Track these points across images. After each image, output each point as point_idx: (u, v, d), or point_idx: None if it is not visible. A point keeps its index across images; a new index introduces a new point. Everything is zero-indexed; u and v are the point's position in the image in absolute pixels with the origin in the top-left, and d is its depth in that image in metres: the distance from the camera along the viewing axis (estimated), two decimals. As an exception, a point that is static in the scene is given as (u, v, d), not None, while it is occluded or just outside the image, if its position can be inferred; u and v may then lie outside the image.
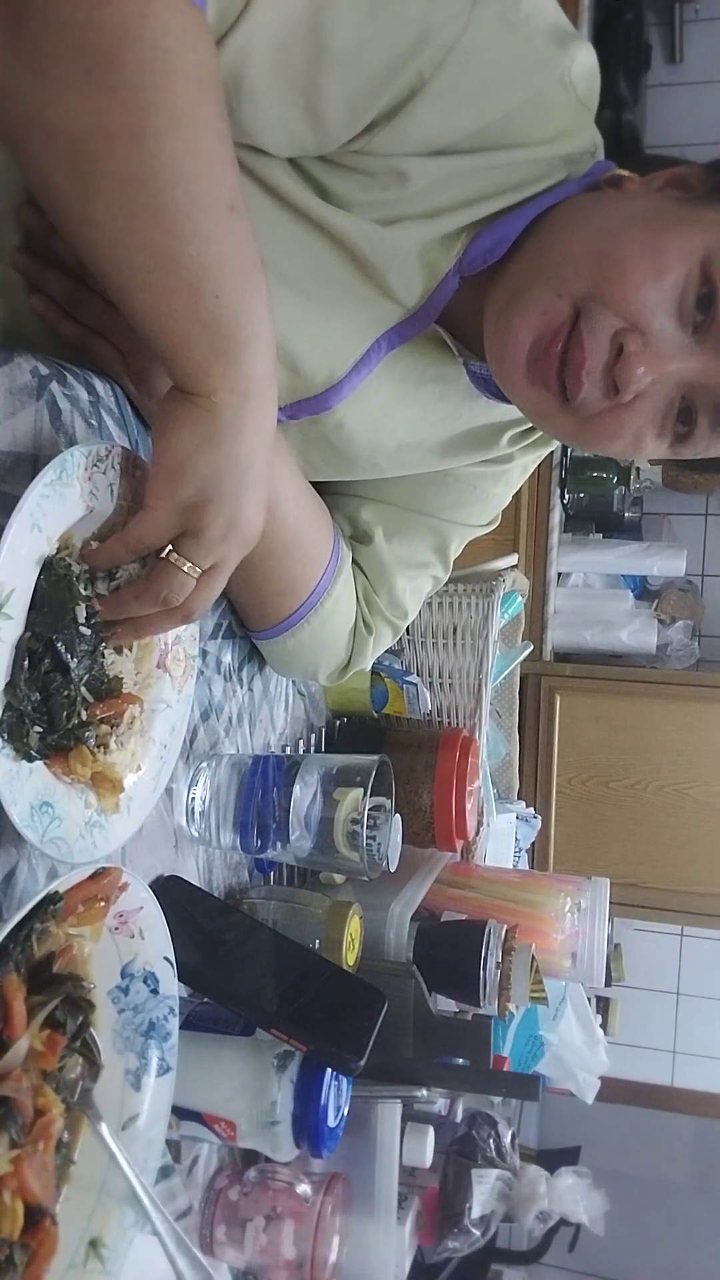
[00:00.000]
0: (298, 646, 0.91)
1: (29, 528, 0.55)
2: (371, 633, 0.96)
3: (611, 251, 0.68)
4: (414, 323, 0.75)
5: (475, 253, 0.72)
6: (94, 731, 0.62)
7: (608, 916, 1.22)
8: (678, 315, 0.68)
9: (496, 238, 0.72)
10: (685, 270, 0.67)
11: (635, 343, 0.67)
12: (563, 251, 0.70)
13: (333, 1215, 0.85)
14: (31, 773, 0.57)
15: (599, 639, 2.64)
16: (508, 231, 0.72)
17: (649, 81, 2.84)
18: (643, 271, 0.67)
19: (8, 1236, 0.53)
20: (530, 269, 0.71)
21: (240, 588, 0.86)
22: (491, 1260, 1.97)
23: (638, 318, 0.67)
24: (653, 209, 0.70)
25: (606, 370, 0.69)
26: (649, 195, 0.72)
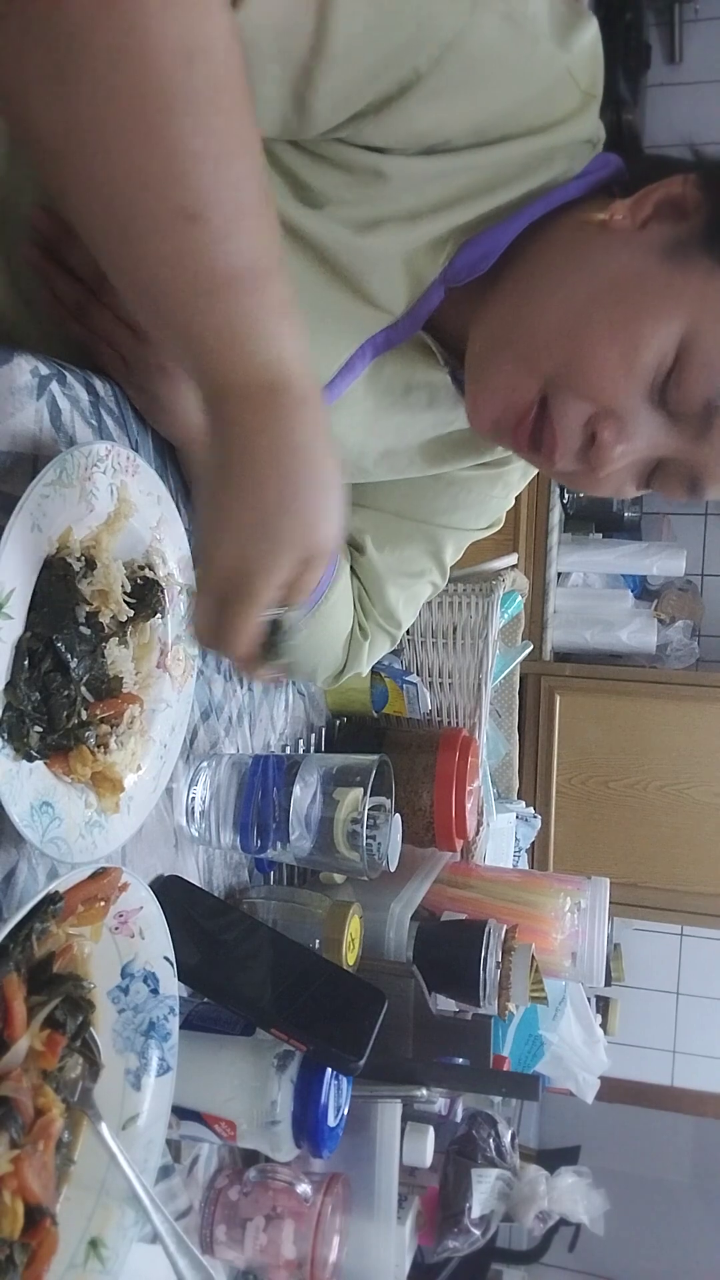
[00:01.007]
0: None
1: (29, 528, 0.55)
2: (367, 638, 0.95)
3: (583, 334, 0.65)
4: (399, 330, 0.74)
5: (462, 263, 0.70)
6: (94, 731, 0.62)
7: (608, 916, 1.22)
8: (652, 400, 0.66)
9: (484, 249, 0.69)
10: (661, 356, 0.65)
11: (609, 430, 0.66)
12: (536, 319, 0.67)
13: (333, 1215, 0.85)
14: (31, 773, 0.57)
15: (599, 639, 2.64)
16: (495, 244, 0.69)
17: (649, 81, 2.84)
18: (616, 362, 0.65)
19: (8, 1236, 0.53)
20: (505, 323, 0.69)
21: None
22: (491, 1260, 1.97)
23: (610, 405, 0.66)
24: (633, 271, 0.66)
25: (580, 452, 0.68)
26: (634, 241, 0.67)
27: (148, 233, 0.48)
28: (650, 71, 2.83)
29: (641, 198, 0.68)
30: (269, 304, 0.51)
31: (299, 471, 0.52)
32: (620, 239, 0.68)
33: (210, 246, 0.48)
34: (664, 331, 0.64)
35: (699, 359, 0.65)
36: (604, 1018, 2.71)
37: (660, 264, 0.66)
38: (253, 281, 0.50)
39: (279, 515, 0.52)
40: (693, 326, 0.64)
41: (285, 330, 0.52)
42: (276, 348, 0.51)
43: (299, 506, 0.52)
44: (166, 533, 0.69)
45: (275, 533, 0.52)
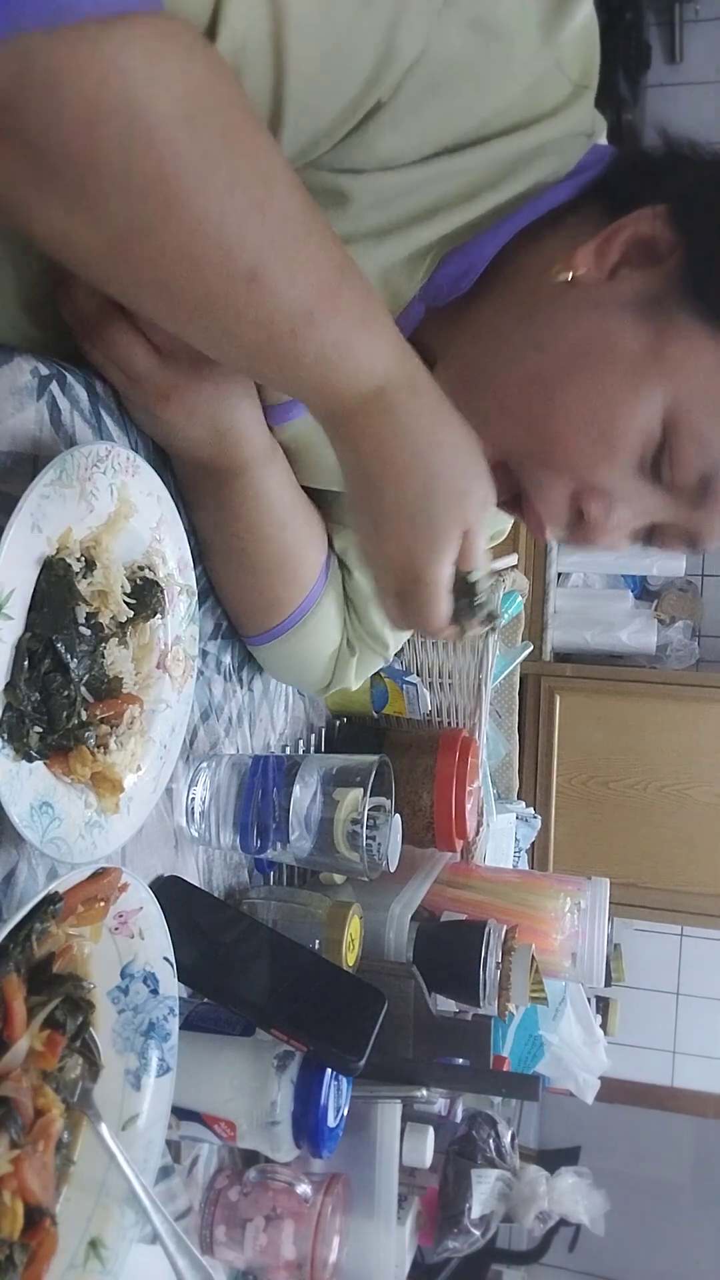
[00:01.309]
0: (277, 658, 0.91)
1: (29, 528, 0.55)
2: (354, 655, 0.94)
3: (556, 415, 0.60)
4: None
5: (442, 279, 0.65)
6: (94, 731, 0.62)
7: (608, 916, 1.22)
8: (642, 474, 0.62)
9: (467, 263, 0.64)
10: (647, 434, 0.60)
11: (598, 505, 0.63)
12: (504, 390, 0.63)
13: (333, 1215, 0.85)
14: (31, 773, 0.57)
15: (599, 639, 2.64)
16: (478, 257, 0.64)
17: (649, 81, 2.84)
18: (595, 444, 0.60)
19: (8, 1237, 0.53)
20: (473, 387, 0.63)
21: (225, 594, 0.85)
22: (491, 1260, 1.97)
23: (589, 479, 0.62)
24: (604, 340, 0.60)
25: (570, 527, 0.65)
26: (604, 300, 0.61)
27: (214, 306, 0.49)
28: (650, 71, 2.84)
29: (608, 239, 0.61)
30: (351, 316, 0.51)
31: (431, 456, 0.53)
32: (589, 297, 0.61)
33: (278, 294, 0.49)
34: (646, 407, 0.59)
35: (688, 433, 0.60)
36: (604, 1018, 2.71)
37: (634, 327, 0.60)
38: (329, 304, 0.50)
39: (426, 502, 0.54)
40: (677, 397, 0.59)
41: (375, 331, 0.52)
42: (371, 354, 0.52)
43: (441, 487, 0.54)
44: (166, 533, 0.69)
45: (428, 519, 0.54)
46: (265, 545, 0.80)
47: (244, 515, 0.77)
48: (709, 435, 0.59)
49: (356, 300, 0.51)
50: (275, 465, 0.76)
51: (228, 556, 0.81)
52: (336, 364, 0.51)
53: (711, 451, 0.60)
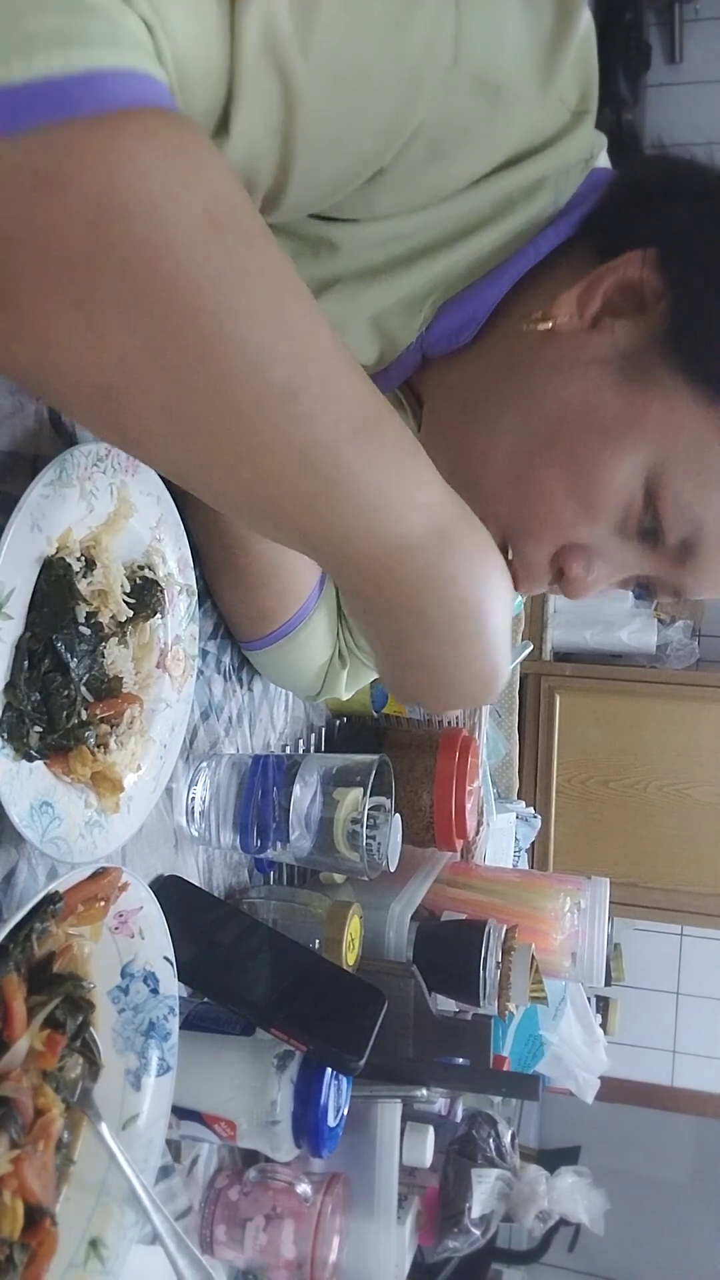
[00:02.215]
0: (268, 664, 0.91)
1: (29, 528, 0.55)
2: (345, 668, 0.94)
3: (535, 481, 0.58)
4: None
5: (441, 331, 0.62)
6: (94, 731, 0.62)
7: (608, 916, 1.22)
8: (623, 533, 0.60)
9: (464, 317, 0.62)
10: (628, 497, 0.58)
11: (578, 563, 0.61)
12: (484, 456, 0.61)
13: (333, 1215, 0.85)
14: (31, 773, 0.57)
15: (599, 639, 2.64)
16: (480, 306, 0.61)
17: (649, 81, 2.84)
18: (575, 509, 0.59)
19: (8, 1236, 0.53)
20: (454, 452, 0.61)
21: (218, 600, 0.85)
22: (491, 1260, 1.97)
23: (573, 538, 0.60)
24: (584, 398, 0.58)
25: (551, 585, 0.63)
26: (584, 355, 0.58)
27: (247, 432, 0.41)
28: (650, 71, 2.84)
29: (591, 286, 0.58)
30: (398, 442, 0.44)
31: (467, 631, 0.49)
32: (570, 352, 0.59)
33: (322, 413, 0.41)
34: (627, 470, 0.57)
35: (669, 496, 0.58)
36: (604, 1018, 2.72)
37: (615, 385, 0.57)
38: (375, 426, 0.43)
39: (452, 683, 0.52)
40: (659, 459, 0.57)
41: (423, 462, 0.46)
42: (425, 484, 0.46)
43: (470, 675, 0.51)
44: (166, 533, 0.69)
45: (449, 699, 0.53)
46: (255, 559, 0.80)
47: (235, 529, 0.77)
48: (690, 498, 0.58)
49: (398, 426, 0.45)
50: None
51: (219, 565, 0.81)
52: (386, 494, 0.44)
53: (693, 513, 0.58)
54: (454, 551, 0.46)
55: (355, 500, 0.43)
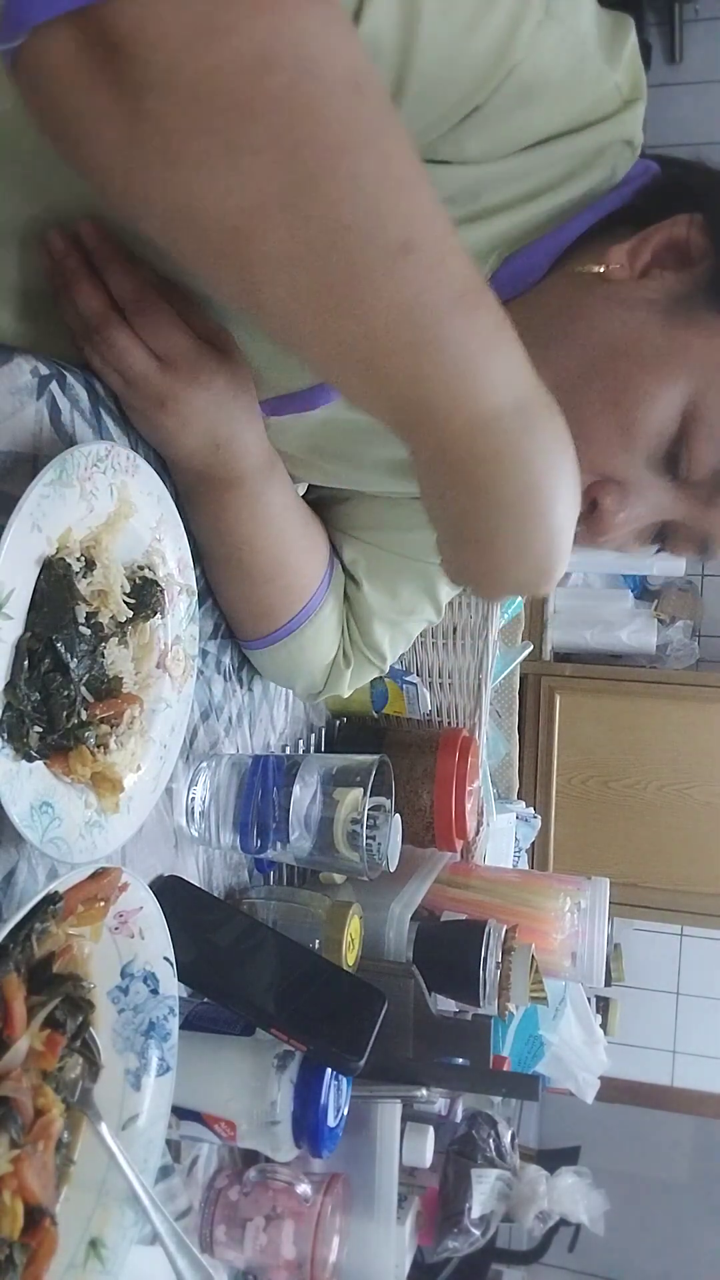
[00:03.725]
0: (270, 664, 0.91)
1: (29, 528, 0.55)
2: (350, 666, 0.94)
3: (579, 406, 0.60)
4: None
5: (505, 277, 0.66)
6: (94, 731, 0.62)
7: (608, 916, 1.22)
8: (656, 467, 0.63)
9: (527, 264, 0.66)
10: (664, 425, 0.62)
11: (611, 497, 0.64)
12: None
13: (333, 1215, 0.85)
14: (31, 773, 0.57)
15: (599, 639, 2.64)
16: (540, 257, 0.66)
17: (649, 81, 2.84)
18: (614, 433, 0.62)
19: (8, 1236, 0.53)
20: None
21: (221, 598, 0.85)
22: (491, 1260, 1.97)
23: (610, 473, 0.63)
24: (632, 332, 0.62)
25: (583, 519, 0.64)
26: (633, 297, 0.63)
27: (362, 279, 0.44)
28: (650, 71, 2.83)
29: (641, 241, 0.64)
30: (496, 319, 0.47)
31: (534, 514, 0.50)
32: (619, 293, 0.63)
33: (431, 272, 0.45)
34: (666, 399, 0.61)
35: (705, 427, 0.61)
36: (604, 1018, 2.71)
37: (661, 323, 0.62)
38: (477, 295, 0.46)
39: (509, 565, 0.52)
40: (698, 392, 0.61)
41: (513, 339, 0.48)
42: (514, 361, 0.48)
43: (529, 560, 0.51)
44: (166, 533, 0.69)
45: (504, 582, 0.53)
46: (260, 556, 0.80)
47: (239, 526, 0.77)
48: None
49: (495, 302, 0.47)
50: (274, 478, 0.76)
51: (223, 563, 0.81)
52: (480, 362, 0.46)
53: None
54: (535, 434, 0.48)
55: (452, 365, 0.45)
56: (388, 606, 0.93)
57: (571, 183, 0.65)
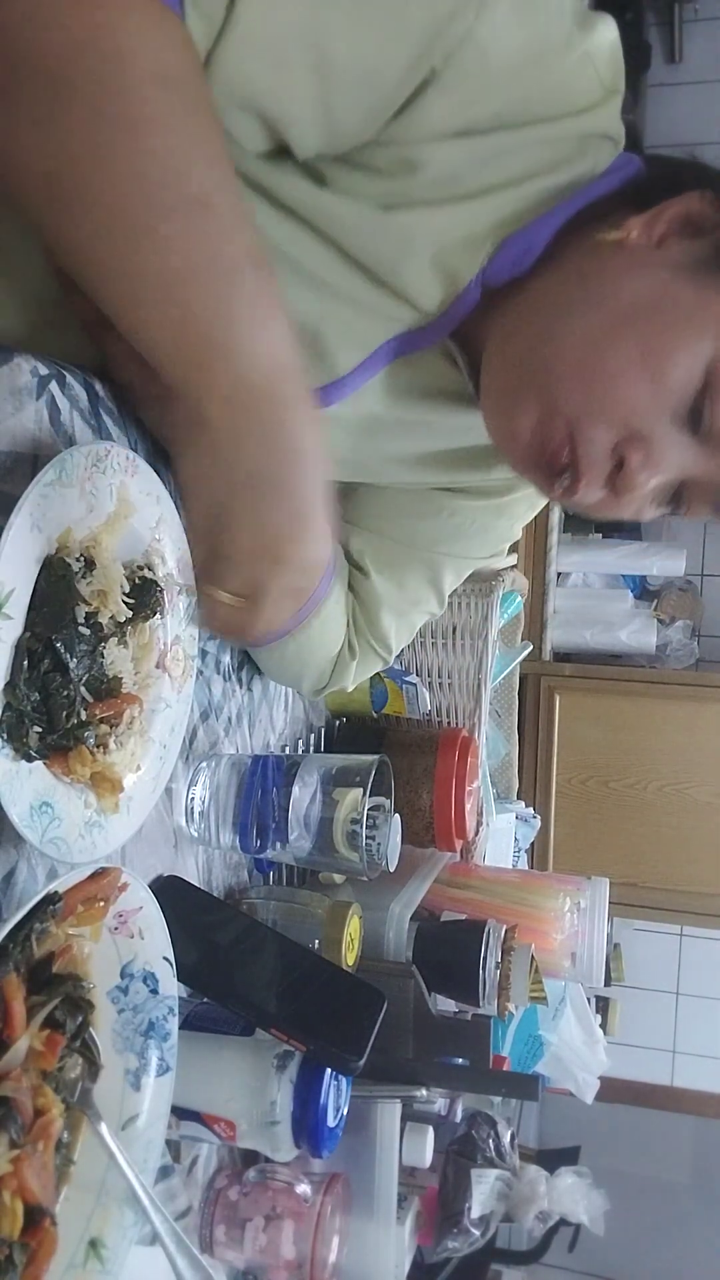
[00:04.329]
0: (279, 660, 0.91)
1: (29, 527, 0.55)
2: (355, 658, 0.94)
3: (606, 363, 0.64)
4: (427, 334, 0.72)
5: (503, 261, 0.68)
6: (93, 731, 0.62)
7: (607, 916, 1.22)
8: (680, 422, 0.65)
9: (523, 246, 0.68)
10: (689, 379, 0.64)
11: (637, 455, 0.66)
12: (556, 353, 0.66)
13: (332, 1215, 0.85)
14: (31, 773, 0.57)
15: (598, 639, 2.64)
16: (535, 239, 0.68)
17: (649, 81, 2.84)
18: (641, 387, 0.64)
19: (7, 1236, 0.53)
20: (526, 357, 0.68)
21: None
22: (491, 1260, 1.97)
23: (637, 430, 0.65)
24: (655, 292, 0.65)
25: (609, 479, 0.68)
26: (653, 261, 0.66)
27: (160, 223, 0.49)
28: (650, 71, 2.84)
29: (657, 214, 0.67)
30: (272, 295, 0.52)
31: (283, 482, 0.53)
32: (638, 258, 0.66)
33: (221, 232, 0.50)
34: (690, 353, 0.63)
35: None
36: (604, 1018, 2.71)
37: (683, 284, 0.65)
38: (257, 270, 0.52)
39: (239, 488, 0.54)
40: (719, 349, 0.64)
41: (283, 324, 0.53)
42: (276, 338, 0.52)
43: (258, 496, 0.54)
44: (166, 533, 0.69)
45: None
46: None
47: None
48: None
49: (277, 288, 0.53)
50: None
51: None
52: (246, 326, 0.51)
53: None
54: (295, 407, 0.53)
55: (249, 317, 0.51)
56: (395, 596, 0.94)
57: (557, 171, 0.67)
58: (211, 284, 0.51)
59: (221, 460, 0.53)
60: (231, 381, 0.52)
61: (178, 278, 0.50)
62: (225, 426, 0.53)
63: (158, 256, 0.50)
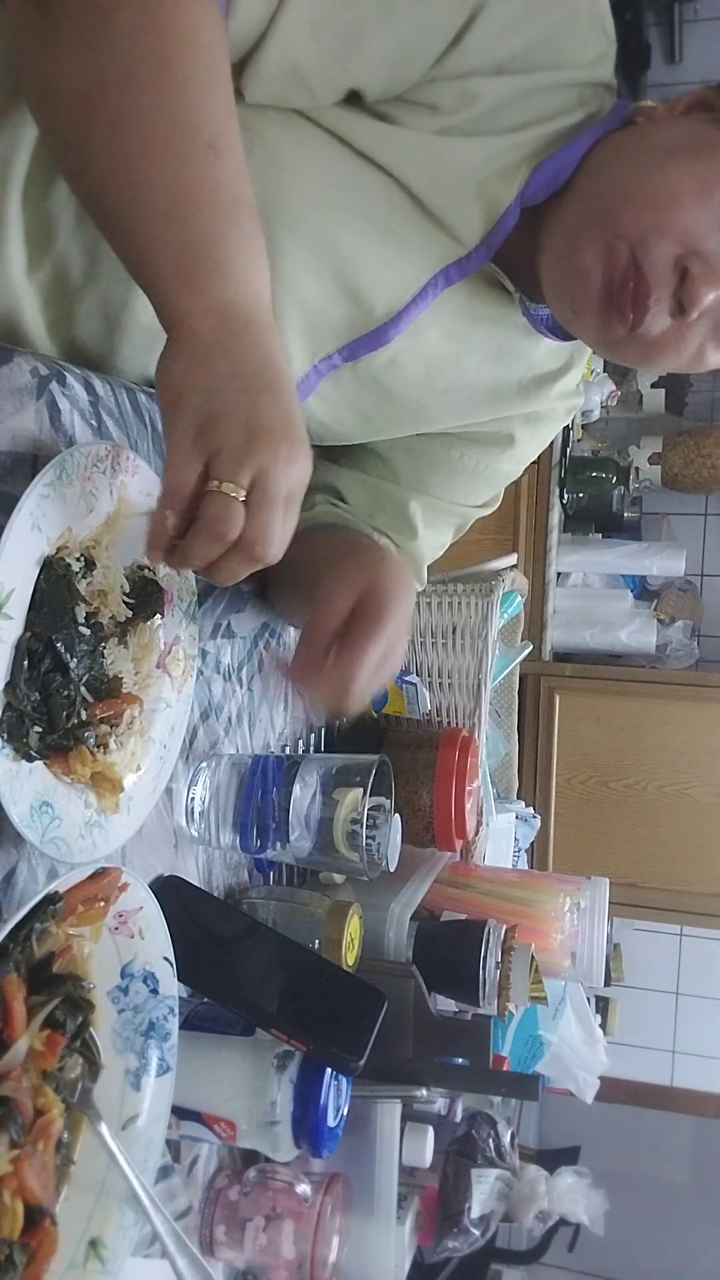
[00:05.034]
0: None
1: (29, 527, 0.55)
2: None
3: (660, 187, 0.71)
4: (472, 259, 0.78)
5: (538, 181, 0.75)
6: (94, 732, 0.62)
7: (607, 916, 1.21)
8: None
9: (557, 166, 0.75)
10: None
11: (697, 265, 0.71)
12: (614, 191, 0.73)
13: (332, 1215, 0.85)
14: (31, 773, 0.57)
15: (598, 639, 2.64)
16: (568, 159, 0.75)
17: (648, 82, 2.84)
18: (692, 200, 0.70)
19: (8, 1236, 0.53)
20: (585, 210, 0.74)
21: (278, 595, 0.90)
22: (491, 1260, 1.97)
23: (695, 243, 0.71)
24: (687, 137, 0.73)
25: (674, 295, 0.72)
26: (678, 122, 0.75)
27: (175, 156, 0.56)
28: (650, 71, 2.84)
29: (677, 101, 0.77)
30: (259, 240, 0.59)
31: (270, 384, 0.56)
32: (669, 121, 0.76)
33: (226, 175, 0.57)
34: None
35: None
36: (604, 1018, 2.71)
37: (710, 128, 0.73)
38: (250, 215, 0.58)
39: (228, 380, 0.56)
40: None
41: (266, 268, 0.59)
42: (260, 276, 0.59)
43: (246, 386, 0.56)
44: (166, 533, 0.69)
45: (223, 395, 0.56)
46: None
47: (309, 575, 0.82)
48: None
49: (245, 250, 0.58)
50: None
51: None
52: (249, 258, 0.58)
53: None
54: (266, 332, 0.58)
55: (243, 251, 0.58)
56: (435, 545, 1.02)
57: (575, 111, 0.77)
58: (214, 218, 0.57)
59: (212, 366, 0.56)
60: (223, 301, 0.57)
61: (184, 207, 0.56)
62: (215, 339, 0.56)
63: (169, 186, 0.56)
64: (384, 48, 0.67)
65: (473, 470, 0.98)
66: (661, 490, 2.77)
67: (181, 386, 0.55)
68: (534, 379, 0.92)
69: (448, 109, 0.72)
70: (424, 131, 0.73)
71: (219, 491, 0.54)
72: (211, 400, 0.55)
